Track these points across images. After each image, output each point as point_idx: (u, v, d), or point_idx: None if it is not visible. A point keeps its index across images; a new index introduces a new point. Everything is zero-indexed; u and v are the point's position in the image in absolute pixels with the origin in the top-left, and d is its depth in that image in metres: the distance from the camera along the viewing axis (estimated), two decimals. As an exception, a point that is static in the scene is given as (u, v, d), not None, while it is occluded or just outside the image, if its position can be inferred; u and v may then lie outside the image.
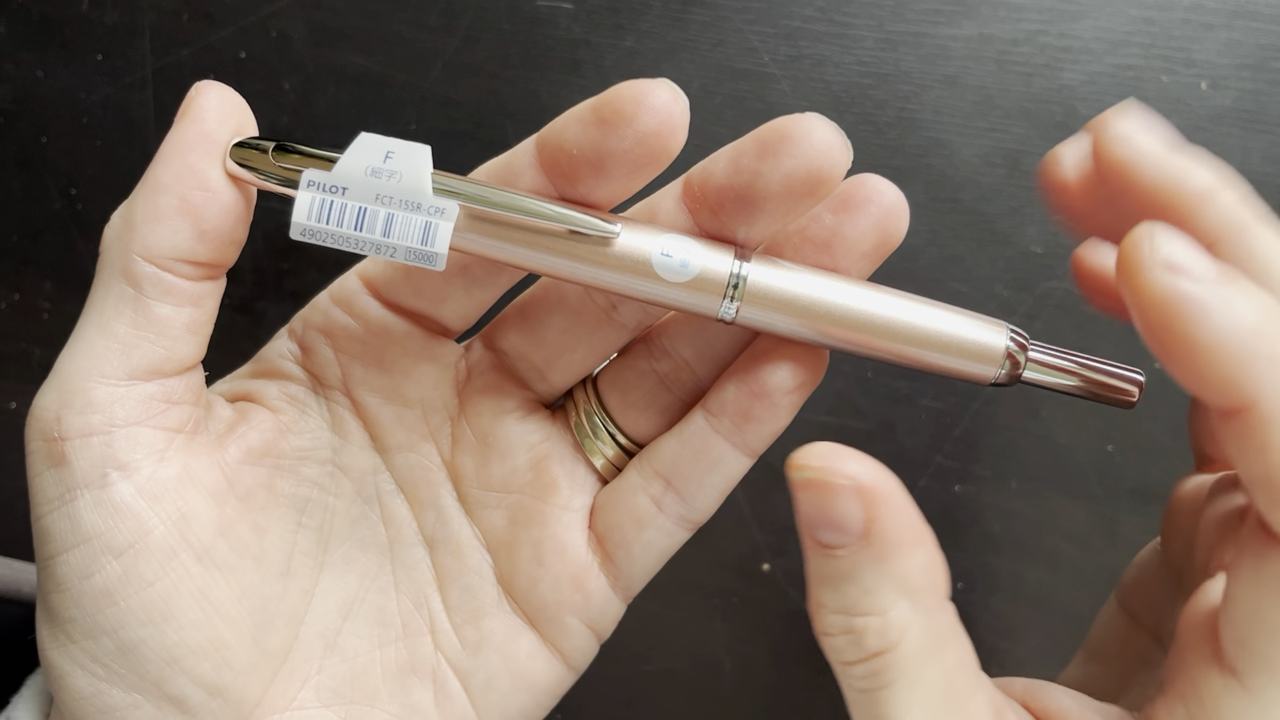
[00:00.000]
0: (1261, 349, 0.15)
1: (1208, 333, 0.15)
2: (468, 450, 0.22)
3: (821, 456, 0.17)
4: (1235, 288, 0.15)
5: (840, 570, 0.17)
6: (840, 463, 0.17)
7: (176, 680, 0.19)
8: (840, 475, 0.17)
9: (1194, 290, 0.15)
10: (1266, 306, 0.15)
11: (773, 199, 0.18)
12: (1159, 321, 0.15)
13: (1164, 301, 0.15)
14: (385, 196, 0.18)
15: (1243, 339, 0.15)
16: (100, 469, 0.18)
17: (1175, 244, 0.15)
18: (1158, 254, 0.15)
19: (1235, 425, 0.15)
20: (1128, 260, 0.16)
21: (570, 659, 0.22)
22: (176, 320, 0.19)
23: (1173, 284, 0.15)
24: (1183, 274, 0.15)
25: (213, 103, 0.19)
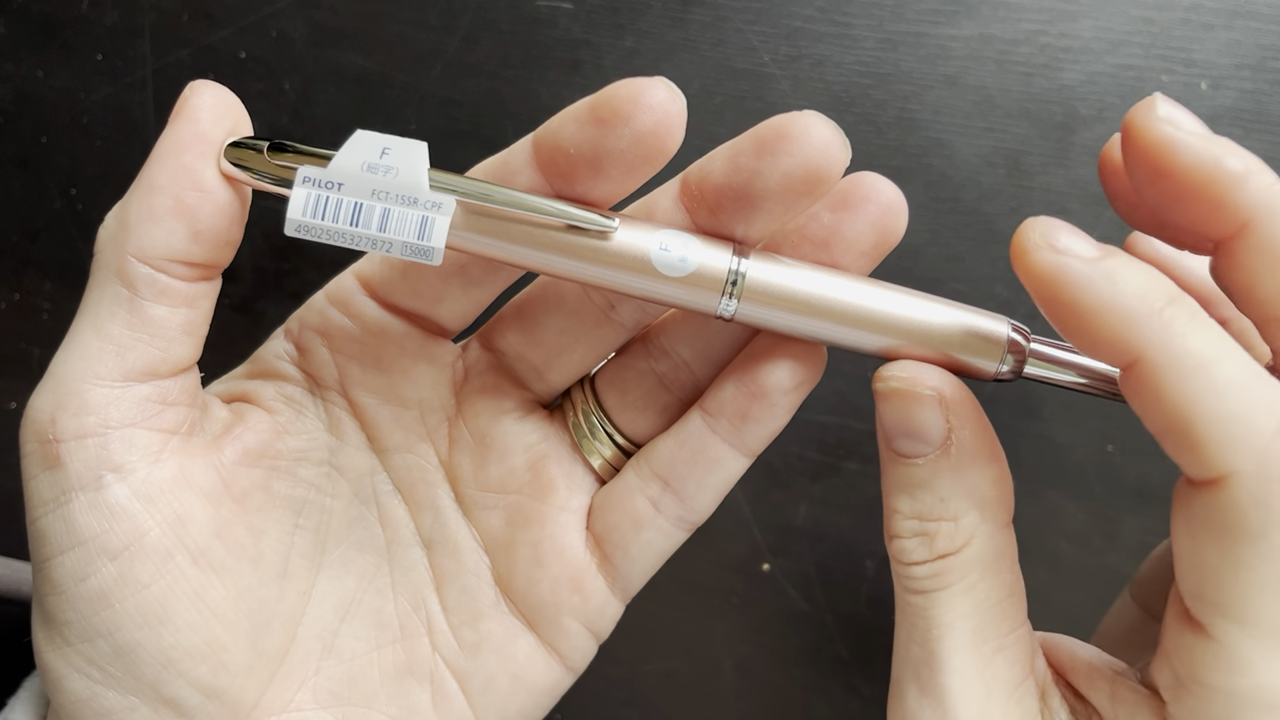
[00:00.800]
0: (1141, 307, 0.16)
1: (1090, 298, 0.16)
2: (465, 451, 0.22)
3: (907, 368, 0.19)
4: (1116, 261, 0.17)
5: (918, 478, 0.19)
6: (925, 375, 0.18)
7: (173, 683, 0.19)
8: (925, 386, 0.18)
9: (1075, 263, 0.17)
10: (1148, 275, 0.17)
11: (771, 197, 0.18)
12: (1048, 294, 0.17)
13: (1050, 276, 0.17)
14: (381, 192, 0.18)
15: (1123, 301, 0.16)
16: (95, 471, 0.18)
17: (1059, 229, 0.17)
18: (1043, 237, 0.17)
19: (1131, 382, 0.17)
20: (1017, 246, 0.17)
21: (569, 660, 0.22)
22: (171, 321, 0.19)
23: (1055, 260, 0.17)
24: (1065, 253, 0.17)
25: (207, 102, 0.19)
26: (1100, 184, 0.20)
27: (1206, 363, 0.16)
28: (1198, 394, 0.16)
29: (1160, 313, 0.16)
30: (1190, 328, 0.16)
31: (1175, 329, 0.16)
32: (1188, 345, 0.16)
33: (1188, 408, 0.16)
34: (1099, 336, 0.17)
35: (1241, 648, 0.16)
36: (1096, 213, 0.34)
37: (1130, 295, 0.16)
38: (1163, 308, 0.16)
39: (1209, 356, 0.16)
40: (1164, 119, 0.17)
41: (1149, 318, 0.16)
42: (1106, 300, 0.16)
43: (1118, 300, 0.16)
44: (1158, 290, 0.16)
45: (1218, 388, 0.16)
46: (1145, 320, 0.16)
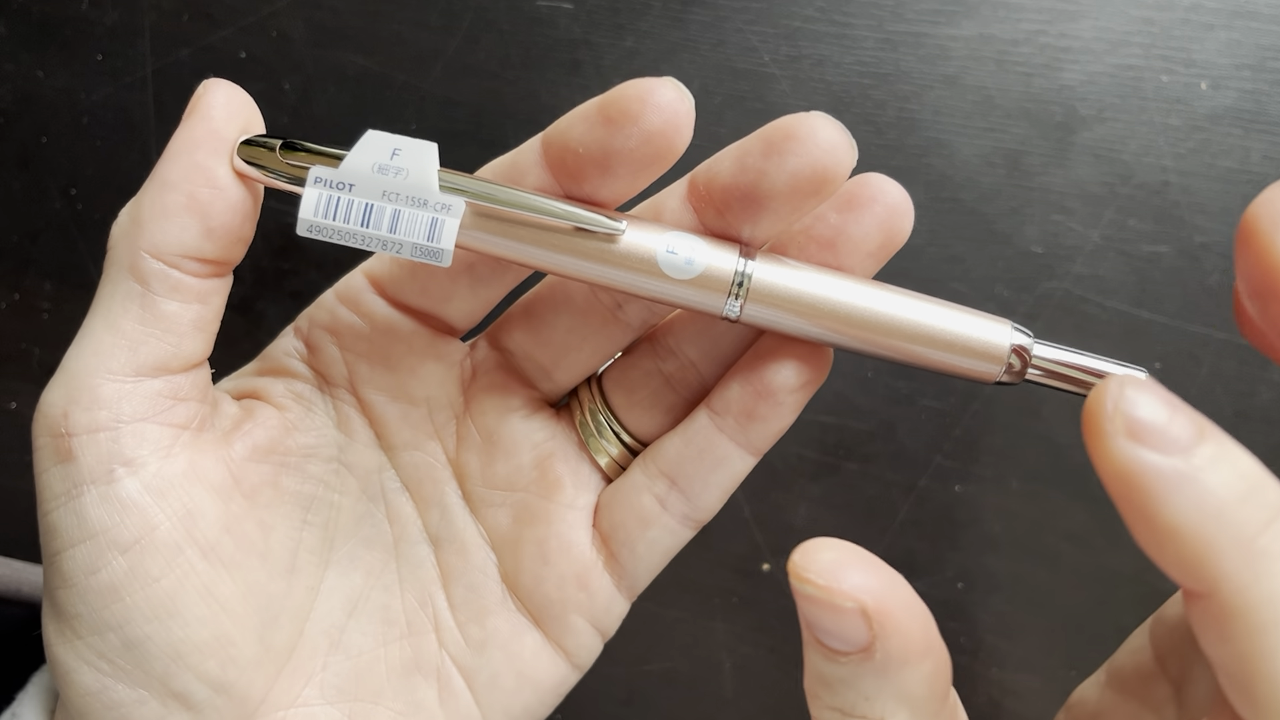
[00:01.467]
0: (1223, 534, 0.13)
1: (1166, 514, 0.14)
2: (473, 448, 0.22)
3: (825, 572, 0.16)
4: (1205, 459, 0.14)
5: (840, 675, 0.17)
6: (844, 578, 0.16)
7: (182, 676, 0.19)
8: (844, 597, 0.16)
9: (1155, 464, 0.13)
10: (1238, 480, 0.14)
11: (778, 198, 0.18)
12: (1120, 494, 0.14)
13: (1124, 475, 0.14)
14: (392, 193, 0.18)
15: (1203, 523, 0.13)
16: (107, 465, 0.18)
17: (1143, 403, 0.14)
18: (1120, 417, 0.14)
19: (1198, 609, 0.14)
20: (1089, 421, 0.14)
21: (575, 657, 0.22)
22: (183, 317, 0.19)
23: (1134, 456, 0.14)
24: (1147, 442, 0.14)
25: (220, 100, 0.19)
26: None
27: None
28: (1271, 651, 0.13)
29: (1251, 542, 0.13)
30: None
31: (1265, 566, 0.13)
32: (1276, 589, 0.13)
33: (1255, 662, 0.13)
34: (1168, 559, 0.14)
35: None
36: (1096, 213, 0.34)
37: (1216, 514, 0.13)
38: (1256, 535, 0.13)
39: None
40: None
41: (1236, 549, 0.13)
42: (1184, 518, 0.13)
43: (1198, 521, 0.13)
44: (1256, 508, 0.13)
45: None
46: (1230, 551, 0.13)
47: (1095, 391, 0.14)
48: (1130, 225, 0.34)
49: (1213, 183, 0.33)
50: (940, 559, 0.35)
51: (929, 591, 0.34)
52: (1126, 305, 0.34)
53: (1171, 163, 0.33)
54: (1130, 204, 0.33)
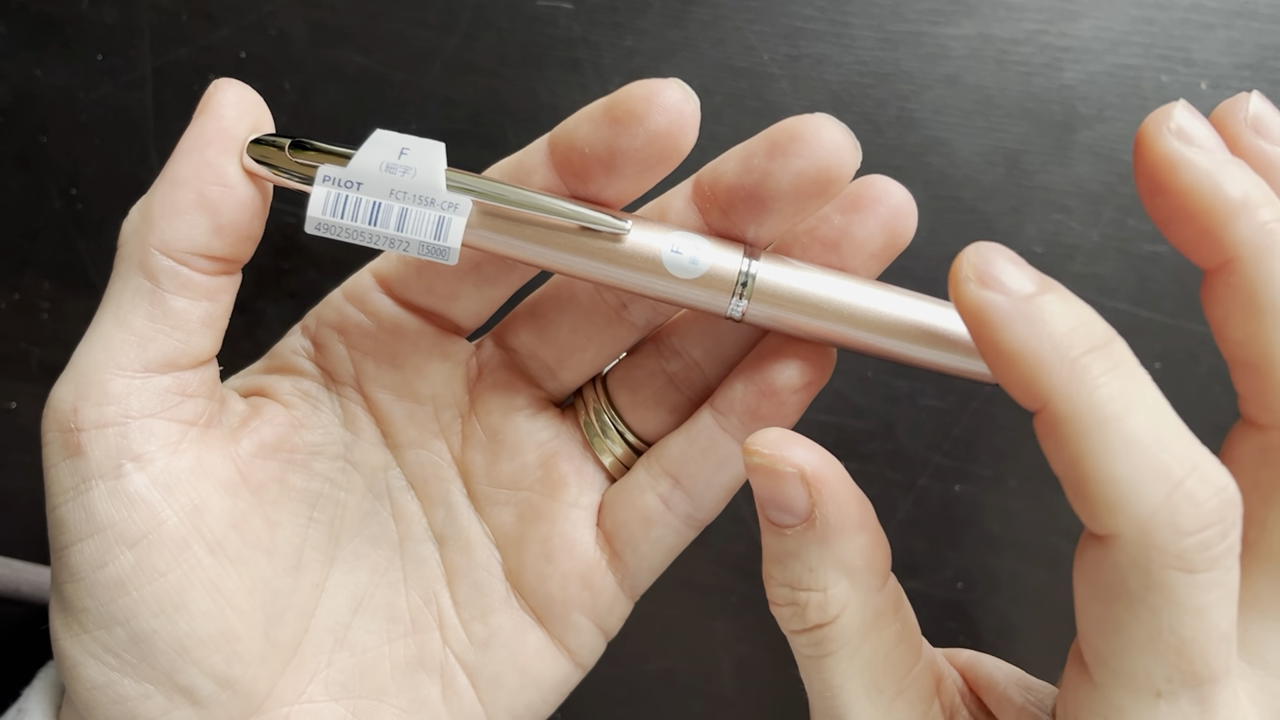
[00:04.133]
0: (1053, 353, 0.15)
1: (1004, 340, 0.16)
2: (478, 447, 0.22)
3: (771, 444, 0.18)
4: (1045, 300, 0.16)
5: (787, 548, 0.18)
6: (787, 450, 0.18)
7: (187, 671, 0.19)
8: (785, 463, 0.18)
9: (998, 301, 0.16)
10: (1077, 316, 0.16)
11: (782, 198, 0.19)
12: (973, 331, 0.16)
13: (975, 312, 0.16)
14: (400, 192, 0.18)
15: (1033, 346, 0.15)
16: (115, 460, 0.19)
17: (994, 260, 0.16)
18: (974, 269, 0.16)
19: (1040, 425, 0.16)
20: (952, 276, 0.16)
21: (577, 656, 0.22)
22: (192, 314, 0.19)
23: (981, 296, 0.16)
24: (992, 287, 0.16)
25: (231, 99, 0.19)
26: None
27: (1110, 419, 0.15)
28: (1093, 451, 0.15)
29: (1074, 361, 0.15)
30: (1105, 379, 0.15)
31: (1087, 379, 0.15)
32: (1094, 398, 0.15)
33: (1082, 463, 0.15)
34: (1008, 379, 0.16)
35: (1115, 696, 0.16)
36: (1096, 211, 0.34)
37: (1045, 339, 0.15)
38: (1079, 355, 0.15)
39: (1114, 412, 0.15)
40: (1174, 132, 0.17)
41: (1060, 365, 0.15)
42: (1019, 343, 0.16)
43: (1030, 344, 0.15)
44: (1081, 335, 0.16)
45: (1114, 446, 0.15)
46: (1055, 367, 0.15)
47: (959, 257, 0.17)
48: (1130, 225, 0.34)
49: (1212, 182, 0.33)
50: (940, 558, 0.35)
51: (928, 591, 0.34)
52: (1126, 304, 0.34)
53: (1171, 162, 0.33)
54: (1130, 204, 0.33)
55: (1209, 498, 0.15)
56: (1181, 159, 0.16)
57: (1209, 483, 0.15)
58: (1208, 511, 0.15)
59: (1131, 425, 0.15)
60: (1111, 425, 0.15)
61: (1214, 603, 0.15)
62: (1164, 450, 0.15)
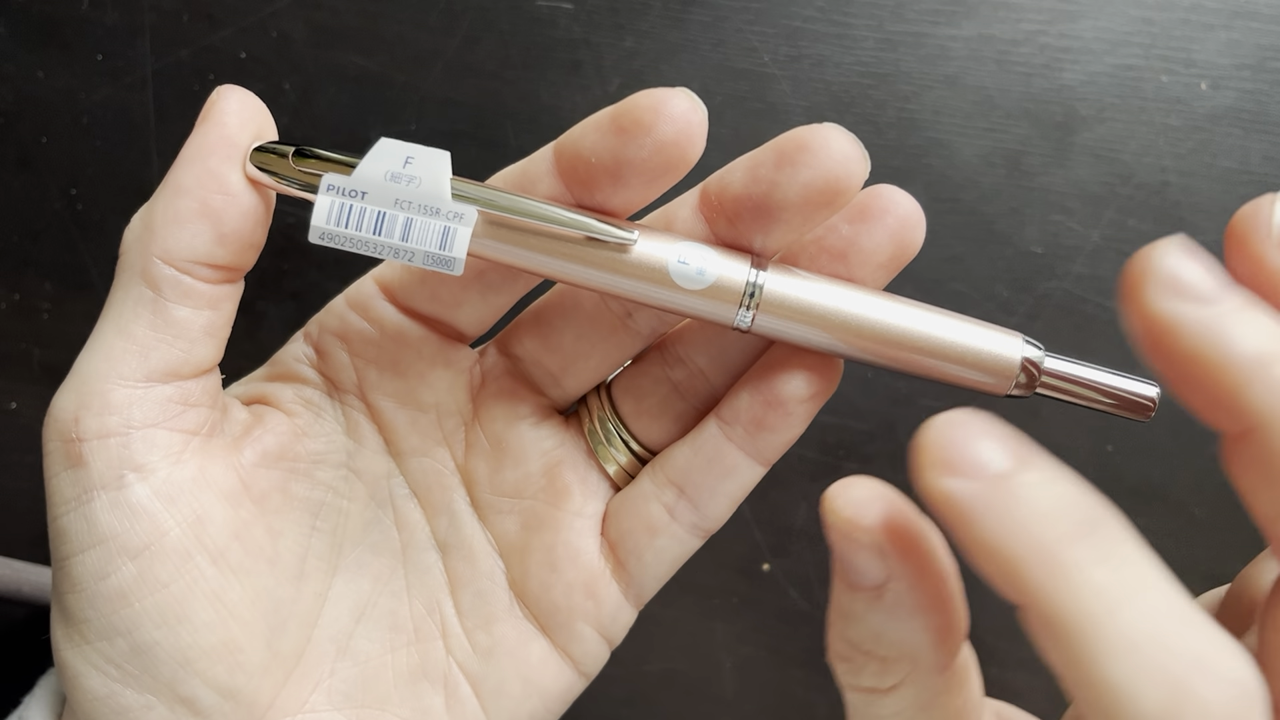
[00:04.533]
0: (1030, 550, 0.14)
1: (978, 535, 0.14)
2: (481, 455, 0.22)
3: (852, 502, 0.16)
4: (1015, 482, 0.14)
5: (855, 609, 0.17)
6: (867, 513, 0.16)
7: (189, 682, 0.19)
8: (862, 531, 0.16)
9: (964, 490, 0.14)
10: (1049, 499, 0.14)
11: (790, 209, 0.18)
12: (947, 523, 0.15)
13: (942, 505, 0.14)
14: (404, 201, 0.18)
15: (1011, 541, 0.14)
16: (117, 470, 0.18)
17: (955, 439, 0.14)
18: (934, 451, 0.14)
19: (1026, 621, 0.14)
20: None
21: (581, 665, 0.22)
22: (195, 323, 0.19)
23: (946, 486, 0.14)
24: (958, 473, 0.14)
25: (234, 107, 0.19)
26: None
27: (1099, 618, 0.13)
28: (1084, 656, 0.13)
29: (1056, 555, 0.14)
30: (1091, 572, 0.13)
31: (1071, 576, 0.14)
32: (1081, 595, 0.13)
33: (1075, 668, 0.14)
34: (987, 574, 0.14)
35: None
36: (1096, 212, 0.34)
37: (1021, 532, 0.14)
38: (1062, 548, 0.14)
39: (1104, 609, 0.13)
40: (1165, 285, 0.14)
41: (1040, 562, 0.14)
42: (992, 539, 0.14)
43: (1004, 540, 0.14)
44: (1064, 522, 0.14)
45: (1106, 649, 0.13)
46: (1035, 565, 0.14)
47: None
48: (1130, 225, 0.34)
49: (1213, 183, 0.33)
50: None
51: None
52: (1126, 306, 0.34)
53: (1171, 163, 0.33)
54: (1130, 204, 0.33)
55: (1216, 696, 0.13)
56: (1177, 321, 0.14)
57: (1217, 679, 0.13)
58: (1217, 712, 0.13)
59: (1123, 623, 0.13)
60: (1101, 625, 0.13)
61: None
62: (1163, 648, 0.13)
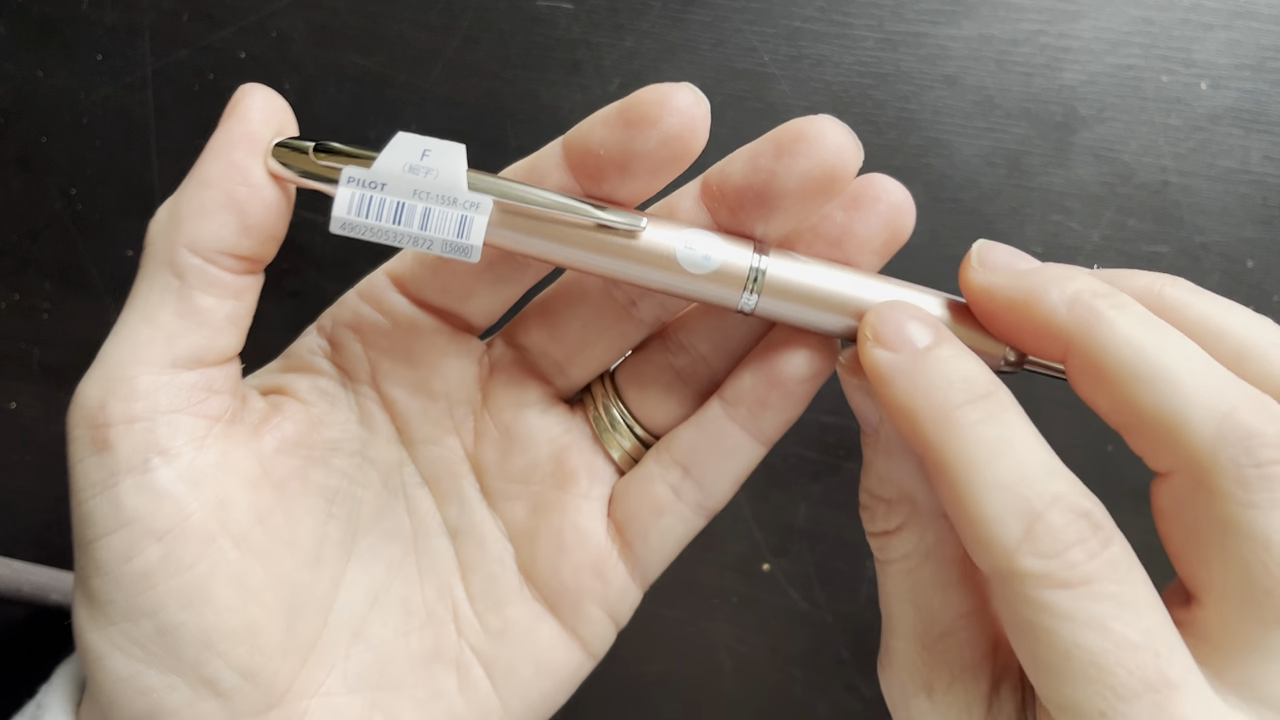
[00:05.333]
0: (927, 408, 0.17)
1: (890, 395, 0.18)
2: (490, 443, 0.23)
3: (853, 361, 0.19)
4: (927, 357, 0.18)
5: (867, 455, 0.20)
6: (858, 359, 0.19)
7: (212, 663, 0.19)
8: (852, 380, 0.20)
9: (885, 358, 0.18)
10: (950, 371, 0.18)
11: (789, 197, 0.19)
12: (873, 385, 0.18)
13: (869, 369, 0.18)
14: (422, 192, 0.19)
15: (913, 401, 0.18)
16: (143, 454, 0.19)
17: (887, 318, 0.19)
18: (869, 328, 0.19)
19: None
20: (859, 335, 0.19)
21: (590, 646, 0.23)
22: (219, 311, 0.19)
23: (874, 354, 0.18)
24: (883, 344, 0.18)
25: (258, 104, 0.20)
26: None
27: (977, 464, 0.17)
28: (964, 495, 0.17)
29: (950, 412, 0.17)
30: (977, 428, 0.17)
31: (959, 429, 0.17)
32: (964, 445, 0.17)
33: (956, 507, 0.17)
34: (899, 430, 0.18)
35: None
36: (1096, 213, 0.34)
37: (925, 392, 0.17)
38: (956, 407, 0.17)
39: (982, 458, 0.17)
40: (979, 265, 0.19)
41: (936, 416, 0.17)
42: (903, 397, 0.18)
43: (911, 398, 0.18)
44: (961, 388, 0.17)
45: (980, 489, 0.16)
46: (932, 418, 0.17)
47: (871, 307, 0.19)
48: (1130, 225, 0.34)
49: (1213, 183, 0.33)
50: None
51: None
52: (1126, 305, 0.34)
53: (1171, 163, 0.33)
54: (1130, 204, 0.34)
55: (1067, 524, 0.16)
56: (991, 285, 0.19)
57: (1068, 509, 0.16)
58: (1067, 535, 0.16)
59: (996, 469, 0.17)
60: (978, 470, 0.17)
61: (1107, 614, 0.16)
62: (1026, 488, 0.16)
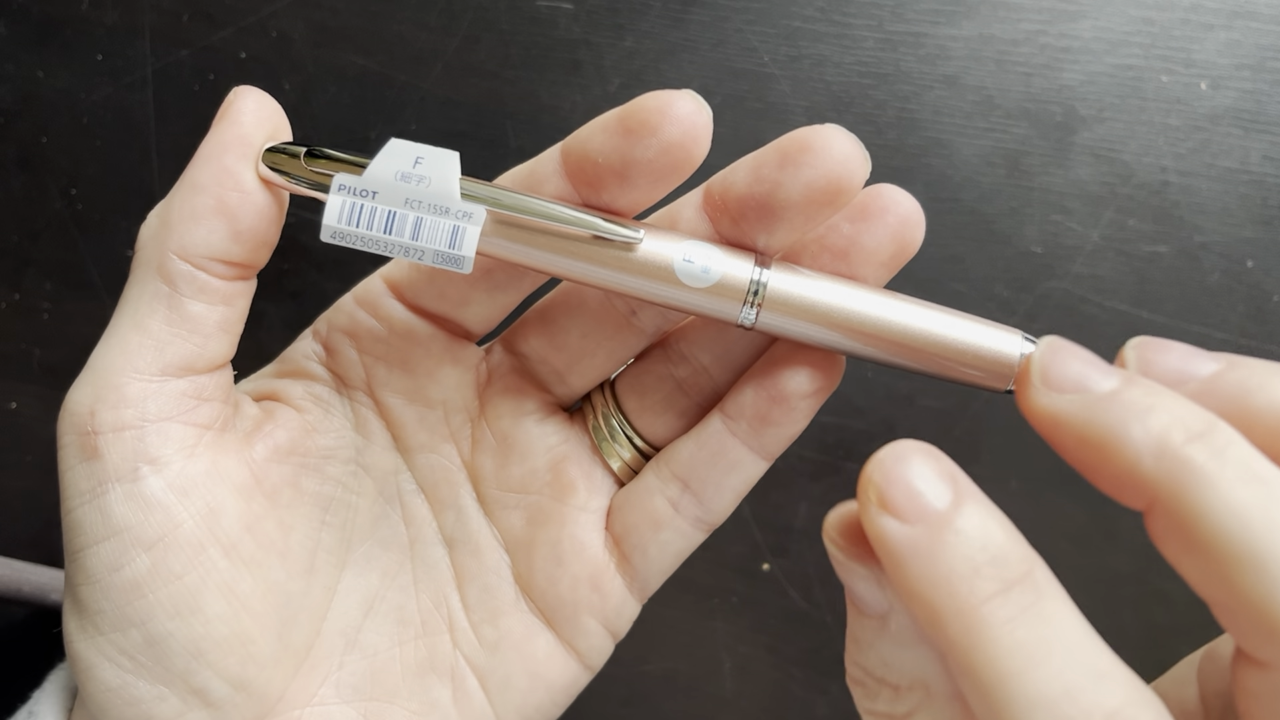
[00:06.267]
0: (947, 604, 0.14)
1: (902, 580, 0.15)
2: (487, 451, 0.22)
3: (848, 534, 0.16)
4: (955, 527, 0.14)
5: (864, 635, 0.17)
6: (862, 543, 0.16)
7: (202, 673, 0.19)
8: (854, 565, 0.16)
9: (896, 533, 0.15)
10: (974, 552, 0.14)
11: (793, 208, 0.19)
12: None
13: (874, 543, 0.15)
14: (414, 201, 0.19)
15: (932, 592, 0.14)
16: (132, 463, 0.19)
17: (894, 476, 0.15)
18: (873, 489, 0.15)
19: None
20: (859, 488, 0.15)
21: (586, 658, 0.23)
22: (209, 318, 0.19)
23: (880, 525, 0.15)
24: (892, 513, 0.15)
25: (250, 107, 0.19)
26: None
27: (1012, 675, 0.14)
28: (997, 712, 0.14)
29: (976, 607, 0.14)
30: (1009, 628, 0.14)
31: (987, 631, 0.14)
32: (996, 651, 0.14)
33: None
34: (914, 617, 0.15)
35: None
36: (1096, 213, 0.34)
37: (944, 581, 0.14)
38: (983, 601, 0.14)
39: (1017, 667, 0.14)
40: (1042, 382, 0.15)
41: (958, 613, 0.14)
42: (917, 584, 0.14)
43: (928, 587, 0.14)
44: (989, 572, 0.14)
45: (1017, 708, 0.14)
46: (953, 615, 0.14)
47: (869, 463, 0.15)
48: (1130, 225, 0.34)
49: (1213, 183, 0.33)
50: (940, 559, 0.35)
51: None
52: (1126, 305, 0.34)
53: (1171, 163, 0.33)
54: (1130, 204, 0.34)
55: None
56: (1058, 413, 0.15)
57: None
58: None
59: (1035, 680, 0.14)
60: (1014, 682, 0.14)
61: None
62: (1071, 705, 0.14)
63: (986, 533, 0.15)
